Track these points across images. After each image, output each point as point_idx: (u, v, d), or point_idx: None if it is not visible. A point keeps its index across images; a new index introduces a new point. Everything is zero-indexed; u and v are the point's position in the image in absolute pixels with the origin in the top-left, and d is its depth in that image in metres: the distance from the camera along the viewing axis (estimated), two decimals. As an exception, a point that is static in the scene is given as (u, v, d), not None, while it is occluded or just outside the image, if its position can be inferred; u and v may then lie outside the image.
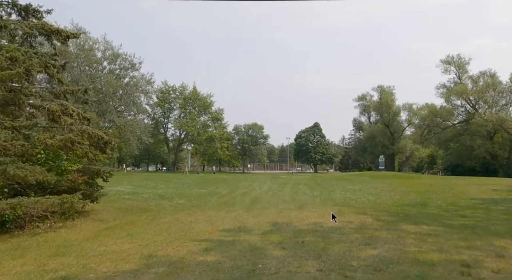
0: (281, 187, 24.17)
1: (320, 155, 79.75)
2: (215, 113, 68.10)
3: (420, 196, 17.78)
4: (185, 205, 13.31)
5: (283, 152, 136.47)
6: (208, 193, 18.97)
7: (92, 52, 42.07)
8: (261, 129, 77.64)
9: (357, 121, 75.93)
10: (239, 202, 14.86)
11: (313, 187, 23.75)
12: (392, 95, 63.68)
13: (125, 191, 19.22)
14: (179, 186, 25.14)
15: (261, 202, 14.79)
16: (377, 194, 18.76)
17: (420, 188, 23.13)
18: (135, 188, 21.65)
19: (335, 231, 7.54)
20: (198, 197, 16.91)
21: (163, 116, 68.04)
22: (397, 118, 64.07)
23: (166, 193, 18.42)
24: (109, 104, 42.62)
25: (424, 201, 15.51)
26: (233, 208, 12.36)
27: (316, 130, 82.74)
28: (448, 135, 48.78)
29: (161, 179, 33.26)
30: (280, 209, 11.53)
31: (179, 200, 15.14)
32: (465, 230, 7.74)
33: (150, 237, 7.15)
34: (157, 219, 9.68)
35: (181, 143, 70.18)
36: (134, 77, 47.06)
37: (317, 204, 13.81)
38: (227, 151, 69.99)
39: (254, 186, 25.03)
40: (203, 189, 21.74)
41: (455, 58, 47.75)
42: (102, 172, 9.53)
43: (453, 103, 47.86)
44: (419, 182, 29.36)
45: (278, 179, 34.78)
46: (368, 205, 13.39)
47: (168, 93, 67.41)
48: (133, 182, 27.76)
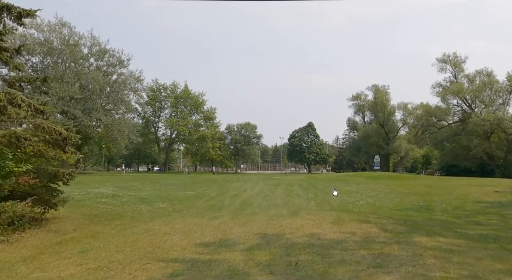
0: (274, 188, 22.86)
1: (314, 155, 78.65)
2: (207, 112, 66.58)
3: (421, 198, 16.59)
4: (166, 210, 11.91)
5: (277, 152, 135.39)
6: (195, 196, 17.57)
7: (77, 47, 40.31)
8: (254, 128, 76.35)
9: (352, 120, 74.95)
10: (227, 206, 13.49)
11: (307, 189, 22.48)
12: (387, 94, 62.78)
13: (105, 194, 17.76)
14: (166, 187, 23.70)
15: (251, 206, 13.43)
16: (375, 196, 17.55)
17: (419, 189, 22.01)
18: (118, 190, 20.20)
19: (335, 246, 6.22)
20: (183, 200, 15.51)
21: (154, 115, 66.37)
22: (392, 118, 63.18)
23: (149, 196, 16.98)
24: (95, 102, 40.89)
25: (427, 204, 14.30)
26: (219, 213, 10.99)
27: (310, 130, 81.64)
28: (444, 135, 47.89)
29: (149, 180, 31.72)
30: (271, 216, 10.18)
31: (160, 204, 13.73)
32: (490, 244, 6.48)
33: (107, 256, 5.75)
34: (127, 229, 8.28)
35: (172, 142, 68.48)
36: (122, 74, 45.37)
37: (312, 208, 12.50)
38: (219, 151, 68.47)
39: (245, 188, 23.69)
40: (190, 191, 20.32)
41: (451, 57, 46.88)
42: (61, 174, 8.07)
43: (449, 102, 47.00)
44: (417, 183, 28.29)
45: (271, 180, 33.48)
46: (369, 210, 12.12)
47: (158, 92, 65.76)
48: (118, 183, 26.24)
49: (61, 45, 39.27)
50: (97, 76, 39.36)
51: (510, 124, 38.50)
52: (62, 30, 39.76)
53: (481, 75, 44.83)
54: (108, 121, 41.25)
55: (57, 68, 39.23)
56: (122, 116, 45.43)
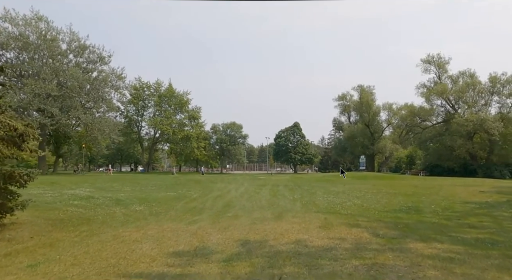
0: (259, 189, 22.20)
1: (300, 155, 78.42)
2: (191, 112, 65.40)
3: (409, 199, 16.24)
4: (142, 214, 11.07)
5: (263, 153, 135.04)
6: (176, 197, 16.73)
7: (55, 42, 38.67)
8: (240, 128, 75.54)
9: (337, 121, 75.08)
10: (208, 208, 12.73)
11: (293, 189, 21.92)
12: (372, 95, 63.04)
13: (80, 195, 16.74)
14: (147, 188, 22.74)
15: (234, 208, 12.72)
16: (362, 197, 17.11)
17: (406, 189, 21.76)
18: (94, 192, 19.16)
19: (324, 255, 5.57)
20: (162, 202, 14.66)
21: (137, 114, 64.76)
22: (377, 118, 63.51)
23: (126, 198, 16.04)
24: (74, 100, 39.35)
25: (416, 205, 13.90)
26: (199, 217, 10.22)
27: (296, 130, 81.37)
28: (428, 135, 48.28)
29: (130, 180, 30.57)
30: (254, 219, 9.48)
31: (137, 207, 12.85)
32: (490, 250, 5.96)
33: (60, 270, 4.94)
34: (93, 235, 7.43)
35: (156, 142, 66.99)
36: (103, 71, 43.88)
37: (298, 210, 11.87)
38: (204, 151, 67.36)
39: (229, 188, 22.96)
40: (172, 192, 19.45)
41: (435, 58, 47.32)
42: (17, 174, 7.15)
43: (433, 103, 47.40)
44: (402, 183, 28.12)
45: (256, 181, 32.81)
46: (357, 211, 11.58)
47: (142, 90, 64.17)
48: (96, 184, 25.08)
49: (38, 40, 37.60)
50: (75, 72, 37.84)
51: (492, 125, 39.03)
52: (38, 25, 38.10)
53: (464, 76, 45.42)
54: (87, 120, 39.80)
55: (33, 64, 37.54)
56: (102, 115, 43.93)
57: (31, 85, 34.66)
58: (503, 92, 43.79)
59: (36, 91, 34.99)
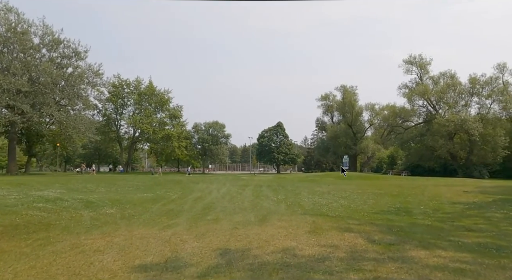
0: (241, 189, 21.36)
1: (283, 155, 78.12)
2: (173, 110, 63.85)
3: (395, 199, 15.78)
4: (112, 217, 10.01)
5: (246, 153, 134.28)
6: (153, 199, 15.67)
7: (26, 36, 36.54)
8: (223, 128, 74.43)
9: (320, 121, 75.23)
10: (186, 210, 11.78)
11: (277, 190, 21.19)
12: (355, 95, 63.39)
13: (47, 197, 15.46)
14: (123, 189, 21.53)
15: (214, 210, 11.83)
16: (348, 197, 16.54)
17: (391, 189, 21.43)
18: (65, 193, 17.88)
19: (317, 267, 4.78)
20: (137, 204, 13.59)
21: (115, 113, 62.68)
22: (360, 118, 63.86)
23: (99, 200, 14.87)
24: (47, 96, 37.31)
25: (404, 206, 13.39)
26: (175, 220, 9.28)
27: (279, 129, 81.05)
28: (410, 135, 48.67)
29: (106, 181, 29.13)
30: (235, 223, 8.62)
31: (108, 210, 11.76)
32: (501, 258, 5.33)
33: (-10, 293, 3.96)
34: (48, 245, 6.39)
35: (135, 141, 65.02)
36: (79, 67, 41.91)
37: (284, 212, 11.10)
38: (185, 151, 65.89)
39: (211, 189, 22.03)
40: (150, 193, 18.36)
41: (417, 58, 47.74)
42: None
43: (415, 103, 47.81)
44: (386, 183, 27.91)
45: (239, 181, 31.97)
46: (345, 213, 10.91)
47: (121, 88, 62.16)
48: (68, 185, 23.64)
49: (7, 32, 35.44)
50: (48, 67, 35.88)
51: (472, 125, 39.60)
52: (8, 16, 35.92)
53: (445, 77, 45.99)
54: (61, 118, 37.85)
55: (2, 58, 35.35)
56: (78, 113, 41.97)
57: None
58: (482, 93, 44.60)
59: (5, 87, 32.92)
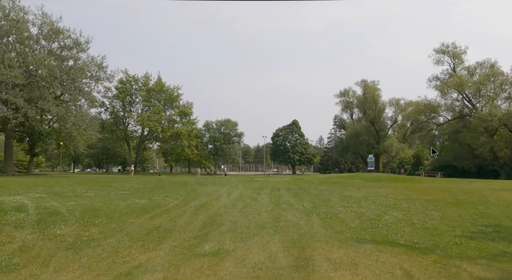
0: (257, 194, 17.60)
1: (299, 155, 73.93)
2: (182, 107, 60.55)
3: (467, 211, 11.68)
4: (54, 245, 6.41)
5: (259, 153, 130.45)
6: (144, 207, 12.04)
7: (21, 24, 33.51)
8: (235, 126, 70.68)
9: (339, 118, 70.76)
10: (178, 229, 8.11)
11: (299, 194, 17.34)
12: (377, 90, 58.75)
13: (12, 204, 12.17)
14: (116, 193, 18.08)
15: (219, 229, 8.11)
16: (397, 206, 12.57)
17: (441, 195, 17.23)
18: (40, 198, 14.59)
19: None
20: (116, 216, 10.00)
21: (123, 110, 59.81)
22: (383, 115, 59.20)
23: (71, 209, 11.38)
24: (44, 90, 34.27)
25: (495, 223, 9.32)
26: (150, 254, 5.58)
27: (294, 128, 76.86)
28: (444, 132, 43.80)
29: (103, 182, 25.75)
30: (252, 266, 4.83)
31: (64, 228, 8.18)
32: None
33: None
34: None
35: (144, 140, 61.99)
36: (80, 59, 38.82)
37: (324, 235, 7.28)
38: (196, 150, 62.46)
39: (220, 193, 18.35)
40: (144, 199, 14.76)
41: (450, 47, 42.92)
42: None
43: (448, 97, 42.78)
44: (427, 187, 23.60)
45: (253, 183, 28.24)
46: (420, 237, 7.04)
47: (129, 84, 59.27)
48: (55, 188, 20.28)
49: (1, 20, 32.59)
50: (44, 58, 32.80)
51: (521, 120, 34.59)
52: (2, 3, 33.06)
53: (483, 67, 41.00)
54: (60, 113, 34.71)
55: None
56: (79, 109, 38.89)
57: (-12, 71, 29.73)
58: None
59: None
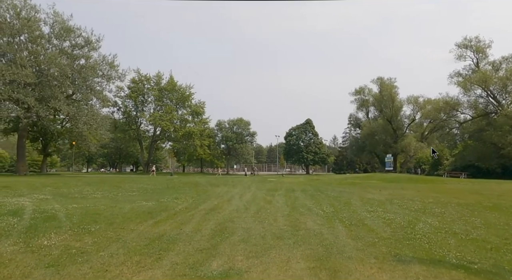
0: (270, 196, 16.51)
1: (313, 155, 72.40)
2: (194, 107, 59.91)
3: (507, 217, 10.32)
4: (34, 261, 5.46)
5: (272, 153, 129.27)
6: (150, 211, 11.11)
7: (32, 23, 33.17)
8: (248, 125, 69.65)
9: (354, 117, 68.84)
10: (184, 239, 7.10)
11: (316, 197, 16.15)
12: (394, 87, 56.70)
13: (8, 207, 11.43)
14: (124, 194, 17.36)
15: (230, 238, 7.06)
16: (428, 211, 11.27)
17: (474, 198, 15.71)
18: (44, 200, 14.00)
19: None
20: (117, 222, 9.10)
21: (135, 110, 59.57)
22: (400, 113, 57.14)
23: (71, 213, 10.60)
24: (55, 89, 33.93)
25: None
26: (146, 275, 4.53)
27: (308, 127, 75.37)
28: (466, 131, 41.65)
29: (112, 183, 25.12)
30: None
31: (55, 237, 7.29)
32: None
33: None
34: None
35: (156, 140, 61.62)
36: (91, 58, 38.43)
37: (353, 249, 6.15)
38: (208, 150, 61.73)
39: (232, 194, 17.38)
40: (151, 201, 13.88)
41: (473, 41, 40.75)
42: None
43: (472, 93, 40.55)
44: (453, 188, 22.01)
45: (266, 183, 27.14)
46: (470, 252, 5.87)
47: (141, 83, 59.00)
48: (62, 189, 19.68)
49: (13, 19, 32.38)
50: (55, 57, 32.42)
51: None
52: (14, 2, 32.82)
53: (509, 61, 38.75)
54: (71, 112, 34.34)
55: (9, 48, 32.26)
56: (90, 108, 38.50)
57: (1, 70, 29.46)
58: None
59: (7, 78, 29.74)
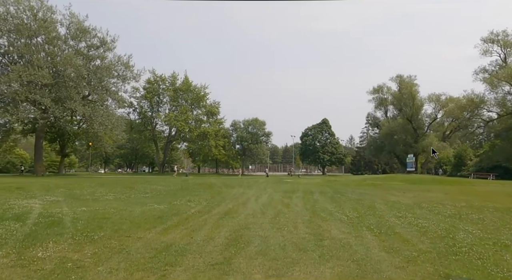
0: (288, 198, 15.67)
1: (329, 155, 70.92)
2: (209, 107, 59.51)
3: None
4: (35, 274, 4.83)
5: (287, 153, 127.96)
6: (161, 215, 10.42)
7: (48, 24, 33.33)
8: (263, 125, 68.73)
9: (372, 116, 66.90)
10: (195, 249, 6.35)
11: (336, 199, 15.21)
12: (414, 85, 54.70)
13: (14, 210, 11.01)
14: (137, 196, 16.88)
15: (246, 249, 6.27)
16: (465, 218, 10.19)
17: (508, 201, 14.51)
18: (59, 201, 13.78)
19: None
20: (125, 227, 8.46)
21: (151, 110, 59.63)
22: (421, 112, 55.10)
23: (86, 214, 10.19)
24: (71, 90, 33.96)
25: None
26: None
27: (324, 127, 73.93)
28: (494, 129, 39.58)
29: (126, 184, 24.75)
30: None
31: (60, 245, 6.65)
32: None
33: None
34: None
35: (171, 140, 61.52)
36: (106, 58, 38.38)
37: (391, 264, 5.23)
38: (223, 150, 61.20)
39: (248, 196, 16.62)
40: (164, 204, 13.24)
41: (500, 36, 38.67)
42: None
43: (499, 90, 38.37)
44: (486, 191, 20.57)
45: (282, 184, 26.28)
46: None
47: (156, 84, 59.01)
48: (75, 190, 19.31)
49: (29, 20, 32.58)
50: (70, 57, 32.42)
51: None
52: (30, 2, 33.00)
53: (539, 56, 36.62)
54: (86, 113, 34.30)
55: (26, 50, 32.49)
56: (105, 108, 38.46)
57: (19, 71, 29.61)
58: None
59: (24, 79, 29.88)
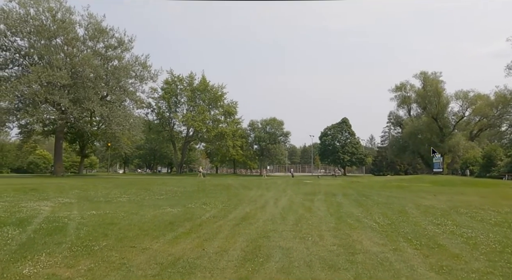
0: (309, 201, 14.63)
1: (350, 156, 68.98)
2: (227, 107, 58.94)
3: None
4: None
5: (306, 153, 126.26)
6: (173, 221, 9.60)
7: (67, 24, 33.46)
8: (281, 125, 67.56)
9: (394, 115, 64.63)
10: (206, 264, 5.44)
11: (362, 203, 14.05)
12: (439, 82, 52.27)
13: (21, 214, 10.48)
14: (152, 197, 16.26)
15: (265, 269, 5.30)
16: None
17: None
18: (71, 203, 13.42)
19: None
20: (137, 233, 7.72)
21: (169, 111, 59.64)
22: (447, 110, 52.60)
23: (94, 219, 9.60)
24: (89, 90, 33.96)
25: None
26: None
27: (344, 126, 72.03)
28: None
29: (142, 185, 24.29)
30: None
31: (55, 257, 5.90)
32: None
33: None
34: None
35: (189, 141, 61.31)
36: (123, 58, 38.31)
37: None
38: (241, 151, 60.46)
39: (266, 199, 15.69)
40: (178, 207, 12.48)
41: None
42: None
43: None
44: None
45: (302, 186, 25.15)
46: None
47: (174, 84, 58.99)
48: (89, 191, 18.88)
49: (47, 20, 32.74)
50: (88, 58, 32.40)
51: None
52: (49, 3, 33.18)
53: None
54: (104, 113, 34.23)
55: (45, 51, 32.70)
56: (122, 109, 38.38)
57: (38, 72, 29.74)
58: None
59: (43, 80, 30.00)
